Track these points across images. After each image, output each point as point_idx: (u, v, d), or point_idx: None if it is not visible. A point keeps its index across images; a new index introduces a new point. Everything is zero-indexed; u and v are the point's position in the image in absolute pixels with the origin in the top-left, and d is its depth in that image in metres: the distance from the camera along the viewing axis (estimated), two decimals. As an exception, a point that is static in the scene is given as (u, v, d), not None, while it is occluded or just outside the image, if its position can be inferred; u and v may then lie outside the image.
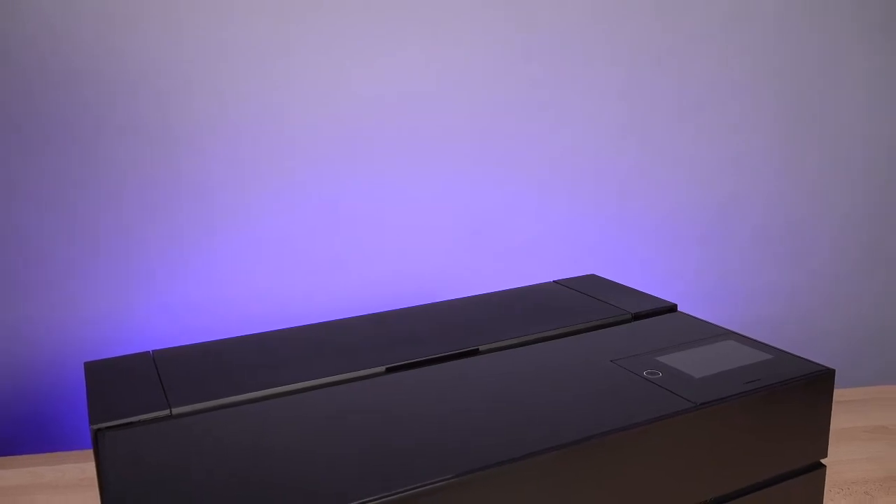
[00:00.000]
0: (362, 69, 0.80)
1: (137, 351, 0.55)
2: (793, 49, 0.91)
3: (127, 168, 0.76)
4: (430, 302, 0.65)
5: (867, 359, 1.02)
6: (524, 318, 0.60)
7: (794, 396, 0.49)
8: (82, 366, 0.53)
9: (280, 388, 0.49)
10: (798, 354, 0.52)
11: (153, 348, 0.56)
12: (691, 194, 0.92)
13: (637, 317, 0.60)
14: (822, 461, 0.51)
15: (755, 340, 0.54)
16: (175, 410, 0.46)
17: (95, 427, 0.44)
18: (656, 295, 0.64)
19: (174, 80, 0.76)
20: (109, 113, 0.75)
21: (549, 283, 0.69)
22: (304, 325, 0.60)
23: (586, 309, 0.62)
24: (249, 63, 0.77)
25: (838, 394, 0.87)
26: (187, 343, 0.57)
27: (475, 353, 0.54)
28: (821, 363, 0.51)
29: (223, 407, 0.47)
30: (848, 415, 0.84)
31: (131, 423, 0.45)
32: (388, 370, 0.52)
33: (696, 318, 0.59)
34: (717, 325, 0.57)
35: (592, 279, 0.70)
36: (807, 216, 0.96)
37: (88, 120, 0.75)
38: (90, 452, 0.74)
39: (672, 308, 0.61)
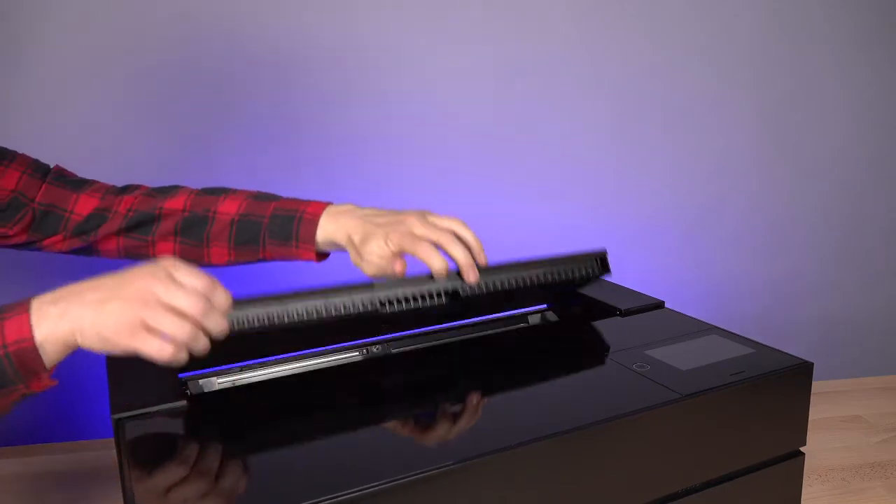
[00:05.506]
0: (367, 81, 0.80)
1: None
2: (770, 64, 0.91)
3: (146, 176, 0.76)
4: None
5: (842, 353, 1.01)
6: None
7: (774, 388, 0.48)
8: (104, 361, 0.53)
9: (287, 377, 0.49)
10: (778, 348, 0.52)
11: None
12: (677, 199, 0.92)
13: (627, 313, 0.59)
14: (802, 449, 0.51)
15: (737, 335, 0.54)
16: (190, 401, 0.46)
17: (116, 417, 0.44)
18: (645, 293, 0.63)
19: (192, 93, 0.75)
20: (130, 125, 0.74)
21: (544, 281, 0.68)
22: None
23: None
24: (258, 73, 0.77)
25: (816, 385, 0.86)
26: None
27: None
28: (799, 357, 0.50)
29: (234, 397, 0.47)
30: (825, 405, 0.83)
31: (149, 412, 0.44)
32: (392, 352, 0.52)
33: (682, 314, 0.59)
34: (701, 321, 0.57)
35: (584, 278, 0.69)
36: (783, 219, 0.96)
37: (104, 128, 0.74)
38: (111, 441, 0.73)
39: (659, 305, 0.61)
